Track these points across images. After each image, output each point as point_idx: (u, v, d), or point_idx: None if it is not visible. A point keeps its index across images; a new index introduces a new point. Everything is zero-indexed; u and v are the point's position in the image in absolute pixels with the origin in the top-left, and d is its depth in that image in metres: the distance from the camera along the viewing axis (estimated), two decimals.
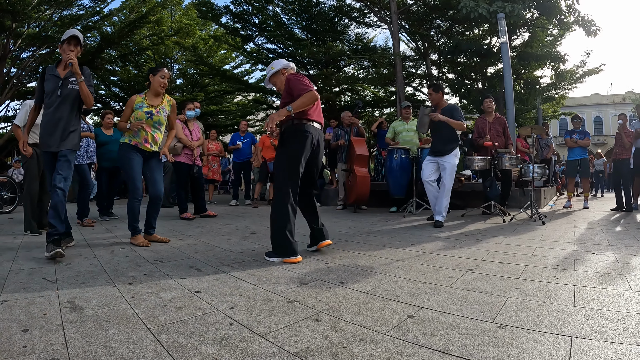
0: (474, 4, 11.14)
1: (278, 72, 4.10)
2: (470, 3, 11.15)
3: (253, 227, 5.97)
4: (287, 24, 18.26)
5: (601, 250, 3.81)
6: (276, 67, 4.09)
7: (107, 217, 7.07)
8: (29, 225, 5.24)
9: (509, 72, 10.50)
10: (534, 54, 14.02)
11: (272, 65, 4.15)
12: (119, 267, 3.31)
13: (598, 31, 13.05)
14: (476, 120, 7.74)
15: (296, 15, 18.00)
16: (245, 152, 10.50)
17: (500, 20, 10.69)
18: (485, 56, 15.15)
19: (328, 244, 4.02)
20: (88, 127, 6.56)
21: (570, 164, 9.16)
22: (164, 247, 4.25)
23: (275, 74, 4.11)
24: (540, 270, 3.06)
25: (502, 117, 7.42)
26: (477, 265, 3.26)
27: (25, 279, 2.93)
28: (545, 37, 15.49)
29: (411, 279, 2.91)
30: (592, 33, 13.08)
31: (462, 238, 4.69)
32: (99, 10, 16.08)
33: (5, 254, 3.93)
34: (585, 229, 5.32)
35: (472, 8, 11.22)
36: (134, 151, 4.59)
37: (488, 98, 7.49)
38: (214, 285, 2.79)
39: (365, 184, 7.63)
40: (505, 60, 10.60)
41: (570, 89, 18.52)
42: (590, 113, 48.08)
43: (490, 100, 7.42)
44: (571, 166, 9.13)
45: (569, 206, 8.84)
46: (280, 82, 4.08)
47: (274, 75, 4.11)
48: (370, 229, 5.61)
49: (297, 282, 2.85)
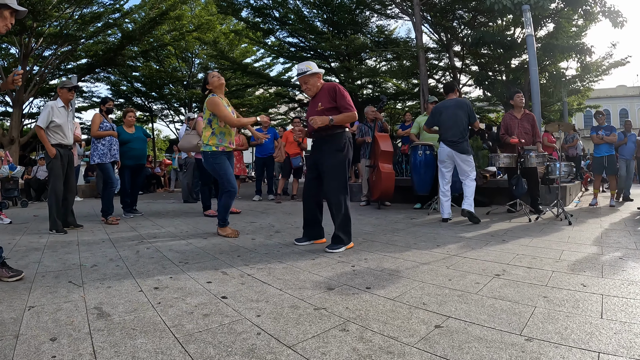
0: None
1: (315, 74, 4.33)
2: None
3: (277, 225, 5.98)
4: (308, 17, 18.18)
5: (629, 255, 3.70)
6: (314, 69, 4.32)
7: (131, 215, 7.17)
8: (54, 224, 5.33)
9: (534, 66, 10.28)
10: (560, 46, 13.71)
11: (309, 65, 4.35)
12: (144, 270, 3.34)
13: (625, 22, 12.74)
14: (504, 116, 7.52)
15: (317, 8, 17.91)
16: (268, 147, 10.51)
17: (525, 12, 10.45)
18: (510, 48, 14.88)
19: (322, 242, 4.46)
20: (111, 125, 6.62)
21: (596, 161, 8.97)
22: (189, 248, 4.28)
23: (312, 75, 4.32)
24: (567, 277, 2.99)
25: (531, 114, 7.17)
26: (503, 270, 3.20)
27: (52, 283, 2.98)
28: (571, 28, 15.15)
29: (438, 284, 2.87)
30: (618, 24, 12.78)
31: (487, 239, 4.61)
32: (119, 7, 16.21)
33: (32, 255, 4.00)
34: (612, 231, 5.17)
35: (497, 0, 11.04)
36: (223, 155, 4.99)
37: (519, 92, 7.20)
38: (240, 290, 2.80)
39: (390, 180, 7.56)
40: (530, 53, 10.36)
41: (596, 81, 18.10)
42: (616, 105, 46.88)
43: (522, 96, 7.17)
44: (597, 163, 8.93)
45: (595, 204, 8.64)
46: (312, 83, 4.35)
47: (311, 75, 4.32)
48: (394, 227, 5.57)
49: (324, 287, 2.84)
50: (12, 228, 5.92)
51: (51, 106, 5.38)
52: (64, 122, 5.44)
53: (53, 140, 5.38)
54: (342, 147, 4.19)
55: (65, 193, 5.56)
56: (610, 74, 19.10)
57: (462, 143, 5.98)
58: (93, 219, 6.80)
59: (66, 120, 5.49)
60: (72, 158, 5.69)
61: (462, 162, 6.02)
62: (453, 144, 6.02)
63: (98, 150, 6.44)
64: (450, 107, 6.17)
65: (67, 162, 5.55)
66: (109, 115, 6.75)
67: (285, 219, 6.65)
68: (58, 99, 5.52)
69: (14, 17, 2.96)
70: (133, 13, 18.19)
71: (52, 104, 5.41)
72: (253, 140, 10.71)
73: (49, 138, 5.36)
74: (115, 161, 6.64)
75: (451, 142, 6.04)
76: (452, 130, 6.06)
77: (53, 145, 5.36)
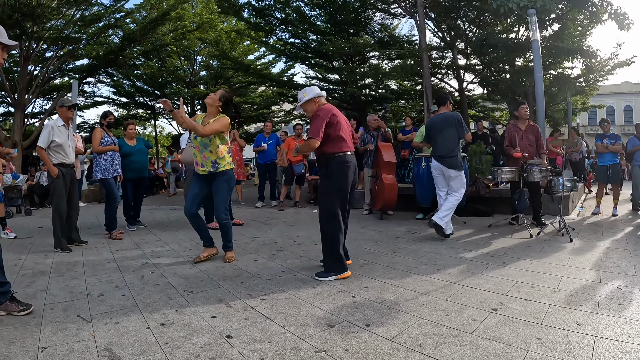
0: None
1: (310, 100, 4.31)
2: None
3: (279, 240, 6.07)
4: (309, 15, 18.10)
5: (627, 284, 3.73)
6: (309, 96, 4.30)
7: (134, 227, 7.24)
8: (59, 242, 5.42)
9: (539, 72, 10.21)
10: (565, 48, 13.66)
11: (304, 92, 4.35)
12: (150, 300, 3.43)
13: (631, 25, 12.66)
14: (507, 127, 7.54)
15: (320, 7, 17.85)
16: (270, 154, 10.57)
17: (531, 16, 10.37)
18: (514, 50, 14.82)
19: (348, 264, 4.30)
20: (112, 140, 6.68)
21: (600, 170, 8.95)
22: (193, 272, 4.36)
23: (308, 102, 4.32)
24: (563, 313, 3.05)
25: (536, 126, 7.17)
26: (501, 303, 3.27)
27: (61, 317, 3.07)
28: (577, 29, 15.08)
29: (435, 321, 2.94)
30: (625, 27, 12.70)
31: (488, 261, 4.67)
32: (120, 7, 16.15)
33: (39, 281, 4.09)
34: (613, 250, 5.20)
35: (502, 2, 10.96)
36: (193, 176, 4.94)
37: (524, 104, 7.20)
38: (244, 327, 2.88)
39: (393, 191, 7.60)
40: (536, 59, 10.28)
41: (601, 80, 18.04)
42: (621, 102, 46.58)
43: (527, 107, 7.16)
44: (601, 171, 8.90)
45: (597, 212, 8.67)
46: (311, 109, 4.34)
47: (306, 103, 4.33)
48: (396, 245, 5.63)
49: (324, 324, 2.92)
50: (17, 244, 6.00)
51: (51, 126, 5.42)
52: (64, 141, 5.49)
53: (55, 160, 5.44)
54: (328, 173, 4.20)
55: (68, 211, 5.63)
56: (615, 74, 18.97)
57: (450, 158, 6.00)
58: (97, 232, 6.88)
59: (67, 139, 5.55)
60: (74, 176, 5.77)
61: (451, 178, 6.06)
62: (441, 159, 6.08)
63: (100, 166, 6.49)
64: (438, 123, 6.22)
65: (70, 180, 5.62)
66: (110, 129, 6.81)
67: (288, 232, 6.74)
68: (58, 117, 5.56)
69: (5, 52, 3.06)
70: (134, 13, 18.18)
71: (52, 124, 5.46)
72: (256, 147, 10.80)
73: (51, 158, 5.41)
74: (118, 175, 6.70)
75: (440, 157, 6.11)
76: (440, 146, 6.12)
77: (55, 165, 5.43)
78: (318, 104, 4.32)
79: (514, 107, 7.44)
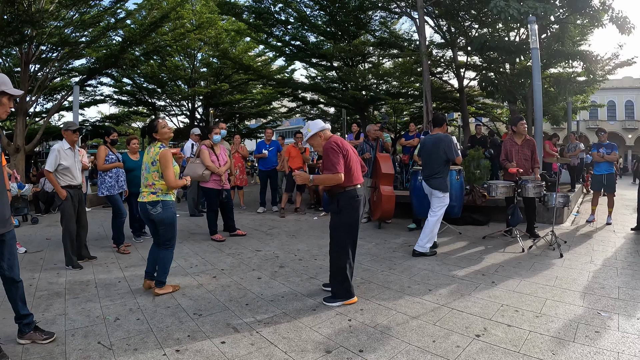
0: (504, 3, 10.97)
1: (315, 134, 4.44)
2: (500, 3, 10.98)
3: (281, 255, 6.35)
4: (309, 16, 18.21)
5: (608, 308, 4.00)
6: (313, 130, 4.43)
7: (140, 239, 7.50)
8: (70, 260, 5.68)
9: (538, 80, 10.29)
10: (564, 52, 13.80)
11: (308, 127, 4.49)
12: (163, 325, 3.73)
13: (633, 29, 12.72)
14: (504, 141, 7.74)
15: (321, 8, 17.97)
16: (271, 160, 10.87)
17: (531, 23, 10.42)
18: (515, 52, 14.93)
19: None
20: (116, 157, 6.93)
21: (595, 178, 9.17)
22: (201, 293, 4.65)
23: (313, 136, 4.45)
24: (541, 341, 3.32)
25: (532, 140, 7.40)
26: (485, 329, 3.55)
27: (83, 344, 3.35)
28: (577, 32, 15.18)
29: (422, 347, 3.24)
30: (626, 31, 12.77)
31: (478, 280, 4.96)
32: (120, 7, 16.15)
33: (55, 303, 4.34)
34: (600, 267, 5.46)
35: (503, 8, 11.07)
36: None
37: (522, 120, 7.44)
38: (250, 352, 3.20)
39: (391, 202, 7.87)
40: (535, 67, 10.38)
41: (601, 81, 18.12)
42: (622, 97, 46.61)
43: (525, 123, 7.40)
44: (597, 180, 9.13)
45: (592, 220, 8.94)
46: (317, 144, 4.48)
47: (312, 137, 4.46)
48: (392, 262, 5.90)
49: (322, 350, 3.23)
50: (28, 260, 6.15)
51: (57, 149, 5.61)
52: (71, 164, 5.70)
53: (62, 182, 5.66)
54: (338, 208, 4.28)
55: (78, 230, 5.90)
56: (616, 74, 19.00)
57: (435, 179, 6.19)
58: (104, 245, 7.11)
59: (73, 161, 5.75)
60: (82, 196, 6.03)
61: (433, 198, 6.29)
62: (427, 180, 6.32)
63: (106, 183, 6.74)
64: (428, 144, 6.43)
65: (78, 200, 5.88)
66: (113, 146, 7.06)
67: (289, 244, 7.03)
68: (64, 140, 5.75)
69: (11, 102, 3.26)
70: (135, 14, 18.28)
71: (59, 147, 5.65)
72: (257, 153, 11.09)
73: (59, 180, 5.63)
74: (123, 191, 6.97)
75: (426, 177, 6.36)
76: (427, 167, 6.37)
77: (63, 187, 5.66)
78: (324, 137, 4.41)
79: (512, 122, 7.61)
